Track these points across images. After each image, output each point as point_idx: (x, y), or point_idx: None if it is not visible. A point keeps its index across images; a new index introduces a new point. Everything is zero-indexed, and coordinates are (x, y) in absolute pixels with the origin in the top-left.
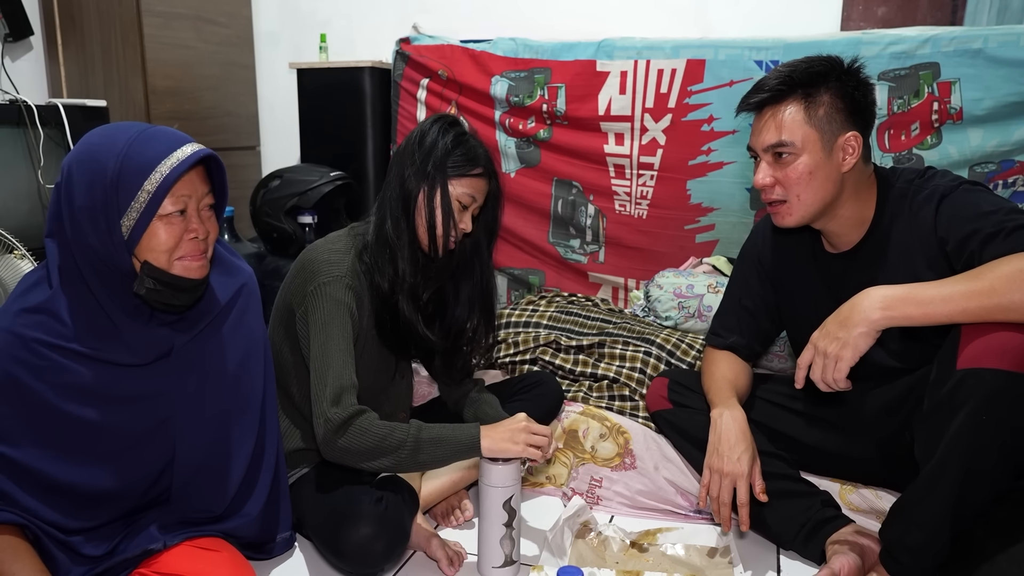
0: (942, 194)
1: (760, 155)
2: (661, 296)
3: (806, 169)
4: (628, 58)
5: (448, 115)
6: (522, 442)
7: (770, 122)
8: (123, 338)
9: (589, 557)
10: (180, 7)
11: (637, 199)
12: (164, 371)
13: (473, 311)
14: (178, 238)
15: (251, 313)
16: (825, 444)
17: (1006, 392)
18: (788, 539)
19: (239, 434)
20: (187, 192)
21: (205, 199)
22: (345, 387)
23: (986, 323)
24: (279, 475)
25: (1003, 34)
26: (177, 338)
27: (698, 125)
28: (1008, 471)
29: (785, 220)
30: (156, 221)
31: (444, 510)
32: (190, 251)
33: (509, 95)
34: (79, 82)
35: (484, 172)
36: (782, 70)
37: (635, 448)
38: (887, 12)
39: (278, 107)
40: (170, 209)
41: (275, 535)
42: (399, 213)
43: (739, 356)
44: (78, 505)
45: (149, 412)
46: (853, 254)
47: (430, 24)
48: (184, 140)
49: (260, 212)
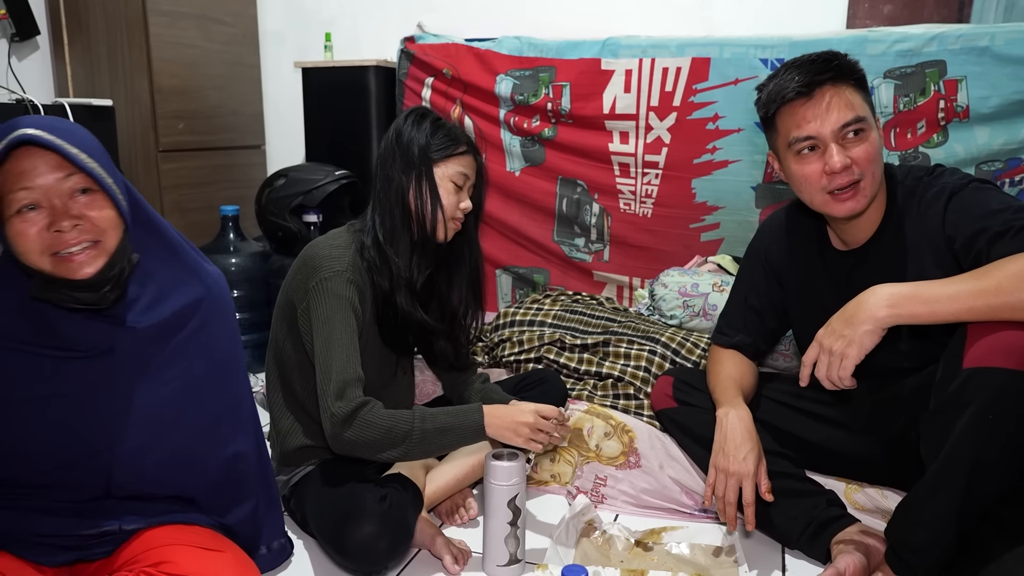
0: (951, 192)
1: (827, 140)
2: (666, 295)
3: (877, 145)
4: (633, 56)
5: (417, 107)
6: (525, 436)
7: (835, 102)
8: (60, 329)
9: (594, 556)
10: (186, 6)
11: (642, 198)
12: (105, 368)
13: (464, 292)
14: (39, 234)
15: (209, 330)
16: (831, 443)
17: (1012, 391)
18: (793, 538)
19: (212, 441)
20: (27, 184)
21: (69, 182)
22: (349, 381)
23: (993, 321)
24: (265, 478)
25: (1010, 32)
26: (118, 335)
27: (703, 123)
28: (1014, 470)
29: (859, 203)
30: (11, 220)
31: (448, 508)
32: (56, 245)
33: (514, 94)
34: (85, 82)
35: (468, 149)
36: (818, 57)
37: (640, 447)
38: (893, 10)
39: (283, 106)
40: (16, 206)
41: (266, 541)
42: (395, 207)
43: (744, 355)
44: (15, 487)
45: (91, 407)
46: (863, 252)
47: (435, 23)
48: (15, 127)
49: (265, 211)
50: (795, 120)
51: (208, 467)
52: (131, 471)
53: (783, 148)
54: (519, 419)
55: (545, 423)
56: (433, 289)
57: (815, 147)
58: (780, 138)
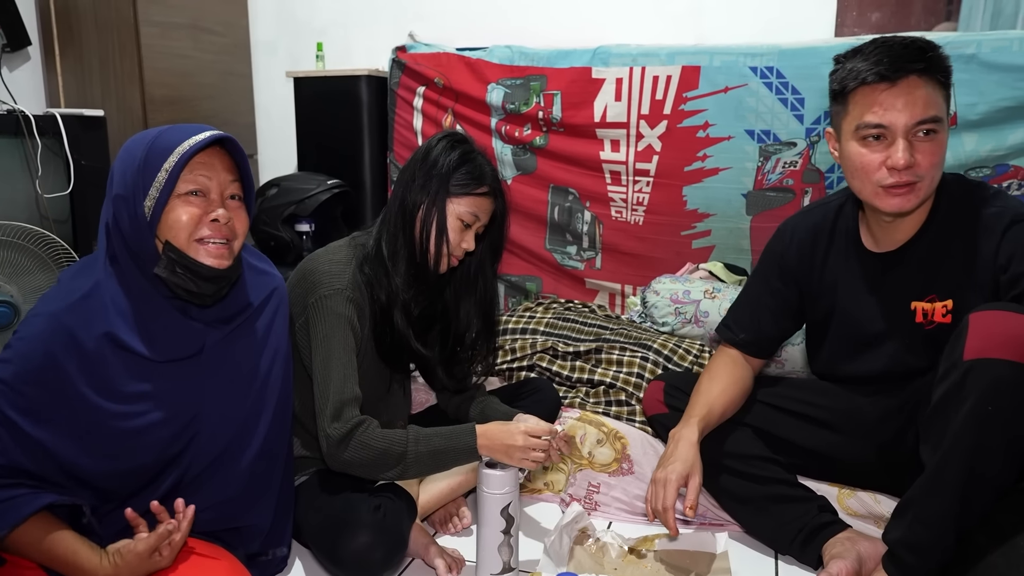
0: (1012, 218)
1: (897, 133)
2: (658, 302)
3: (944, 147)
4: (623, 65)
5: (456, 132)
6: (517, 458)
7: (918, 95)
8: (155, 330)
9: (587, 564)
10: (177, 17)
11: (633, 205)
12: (194, 370)
13: (472, 326)
14: (197, 218)
15: (280, 315)
16: (825, 448)
17: (1012, 382)
18: (785, 544)
19: (255, 437)
20: (206, 173)
21: (230, 187)
22: (346, 401)
23: (994, 314)
24: (287, 482)
25: (996, 39)
26: (209, 335)
27: (694, 131)
28: (1013, 464)
29: (910, 202)
30: (174, 199)
31: (442, 517)
32: (211, 234)
33: (505, 102)
34: (77, 92)
35: (490, 191)
36: (912, 43)
37: (632, 453)
38: (881, 18)
39: (275, 116)
40: (188, 187)
41: (273, 546)
42: (399, 228)
43: (748, 353)
44: (96, 496)
45: (178, 414)
46: (898, 255)
47: (426, 32)
48: (207, 128)
49: (258, 220)
50: (871, 104)
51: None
52: (205, 467)
53: (848, 128)
54: (508, 442)
55: (536, 442)
56: (435, 318)
57: (882, 136)
58: (848, 118)
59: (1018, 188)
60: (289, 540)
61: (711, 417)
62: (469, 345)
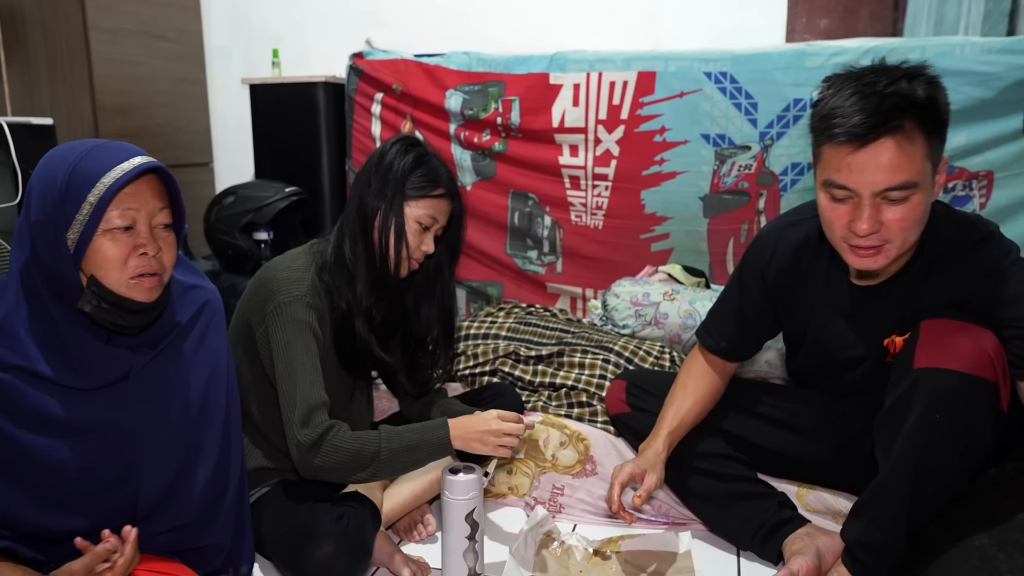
0: (996, 268)
1: (863, 197)
2: (618, 305)
3: (920, 209)
4: (581, 71)
5: (409, 136)
6: (492, 444)
7: (887, 160)
8: (77, 358)
9: (553, 567)
10: (128, 23)
11: (593, 210)
12: (122, 397)
13: (431, 329)
14: (125, 254)
15: (214, 330)
16: (786, 448)
17: (959, 391)
18: (746, 540)
19: (203, 458)
20: (134, 205)
21: (158, 216)
22: (314, 407)
23: (945, 323)
24: (243, 499)
25: (940, 45)
26: (135, 360)
27: (650, 136)
28: (962, 469)
29: (878, 263)
30: (101, 235)
31: (407, 525)
32: (139, 268)
33: (464, 108)
34: (24, 100)
35: (446, 192)
36: (897, 91)
37: (595, 454)
38: (829, 24)
39: (231, 123)
40: (116, 223)
41: (238, 564)
42: (357, 234)
43: (727, 359)
44: (44, 539)
45: (110, 443)
46: (879, 289)
47: (384, 39)
48: (135, 153)
49: (214, 229)
50: (837, 164)
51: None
52: (158, 497)
53: (819, 176)
54: (483, 428)
55: (509, 426)
56: (396, 323)
57: (848, 198)
58: (819, 166)
59: (963, 189)
60: (251, 556)
61: (680, 430)
62: (430, 349)
